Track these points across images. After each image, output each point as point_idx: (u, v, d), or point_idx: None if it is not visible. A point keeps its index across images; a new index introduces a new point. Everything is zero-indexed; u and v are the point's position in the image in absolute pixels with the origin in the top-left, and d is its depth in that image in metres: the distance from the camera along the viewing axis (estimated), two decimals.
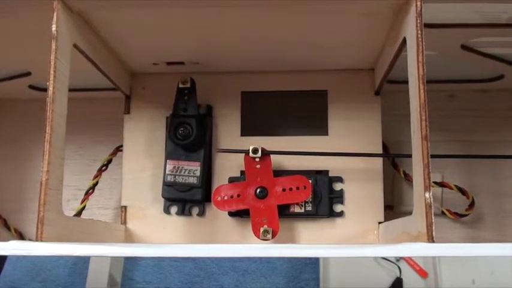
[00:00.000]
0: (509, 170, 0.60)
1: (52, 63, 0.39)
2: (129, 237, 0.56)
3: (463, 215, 0.57)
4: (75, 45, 0.44)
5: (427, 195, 0.36)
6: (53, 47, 0.40)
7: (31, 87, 0.63)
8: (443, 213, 0.57)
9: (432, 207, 0.35)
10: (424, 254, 0.35)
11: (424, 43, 0.37)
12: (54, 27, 0.40)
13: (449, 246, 0.34)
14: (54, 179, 0.39)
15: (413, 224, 0.38)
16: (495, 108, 0.61)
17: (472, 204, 0.56)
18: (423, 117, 0.36)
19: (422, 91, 0.37)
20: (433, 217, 0.35)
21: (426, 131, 0.36)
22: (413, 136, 0.39)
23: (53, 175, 0.39)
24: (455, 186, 0.56)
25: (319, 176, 0.54)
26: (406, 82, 0.40)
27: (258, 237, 0.50)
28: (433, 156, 0.36)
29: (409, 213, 0.40)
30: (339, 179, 0.55)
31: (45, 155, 0.39)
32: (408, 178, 0.56)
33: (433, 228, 0.35)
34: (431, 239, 0.35)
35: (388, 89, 0.56)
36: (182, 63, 0.56)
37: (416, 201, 0.38)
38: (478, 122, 0.61)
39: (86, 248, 0.36)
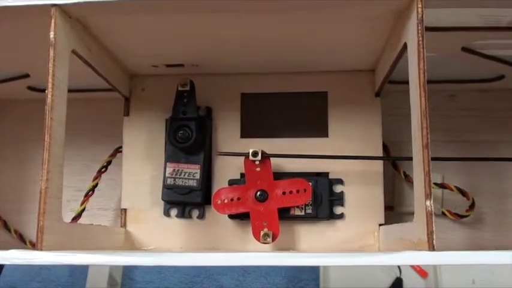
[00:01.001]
0: (509, 171, 0.59)
1: (50, 70, 0.39)
2: (129, 240, 0.56)
3: (464, 216, 0.57)
4: (73, 51, 0.43)
5: (427, 203, 0.35)
6: (51, 54, 0.39)
7: (30, 88, 0.63)
8: (443, 214, 0.57)
9: (433, 216, 0.35)
10: (424, 262, 0.35)
11: (425, 50, 0.37)
12: (52, 34, 0.40)
13: (450, 254, 0.34)
14: (53, 187, 0.39)
15: (414, 231, 0.38)
16: (495, 108, 0.61)
17: (472, 205, 0.56)
18: (424, 125, 0.36)
19: (423, 99, 0.36)
20: (433, 225, 0.35)
21: (427, 139, 0.36)
22: (414, 144, 0.38)
23: (52, 183, 0.39)
24: (456, 187, 0.56)
25: (320, 178, 0.54)
26: (407, 82, 0.40)
27: (259, 241, 0.50)
28: (434, 159, 0.36)
29: (410, 213, 0.40)
30: (339, 181, 0.54)
31: (44, 164, 0.38)
32: (408, 179, 0.56)
33: (434, 237, 0.35)
34: (432, 247, 0.35)
35: (388, 88, 0.56)
36: (182, 65, 0.55)
37: (417, 208, 0.38)
38: (478, 122, 0.61)
39: (85, 257, 0.36)
